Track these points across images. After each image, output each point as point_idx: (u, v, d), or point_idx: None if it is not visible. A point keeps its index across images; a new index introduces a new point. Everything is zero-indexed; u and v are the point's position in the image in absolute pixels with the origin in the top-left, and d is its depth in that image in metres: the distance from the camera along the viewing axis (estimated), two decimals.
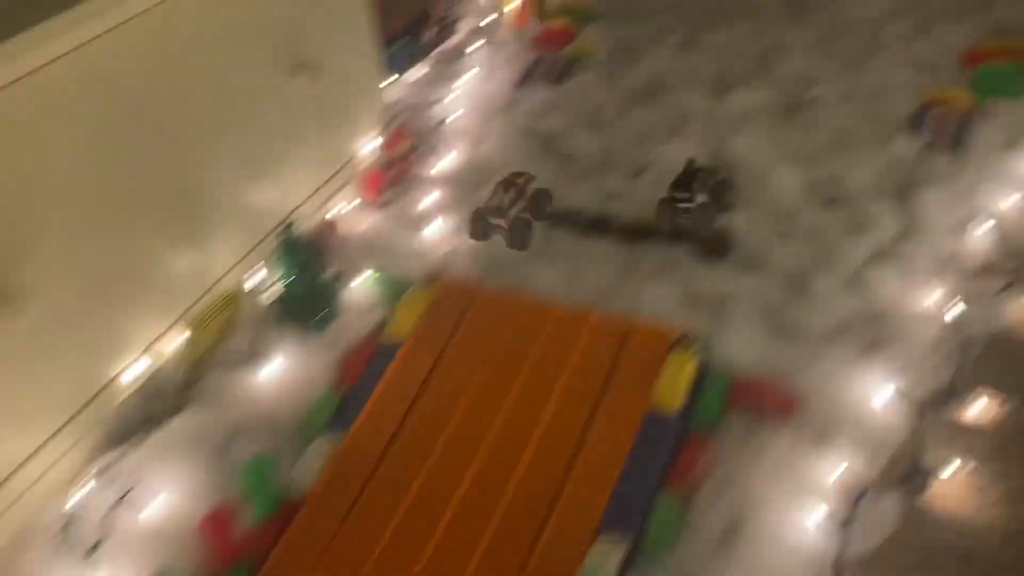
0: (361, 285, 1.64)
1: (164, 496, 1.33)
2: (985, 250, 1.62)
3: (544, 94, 2.21)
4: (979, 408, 1.36)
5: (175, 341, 1.51)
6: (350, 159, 1.89)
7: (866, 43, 2.31)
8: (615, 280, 1.62)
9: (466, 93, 2.26)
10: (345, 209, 1.84)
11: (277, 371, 1.50)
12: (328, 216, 1.79)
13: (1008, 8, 2.36)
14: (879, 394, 1.37)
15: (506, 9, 2.57)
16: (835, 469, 1.27)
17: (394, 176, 1.94)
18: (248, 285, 1.63)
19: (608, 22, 2.55)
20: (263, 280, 1.62)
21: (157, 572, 1.23)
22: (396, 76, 2.28)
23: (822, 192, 1.81)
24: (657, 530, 1.23)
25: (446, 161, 2.01)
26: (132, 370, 1.45)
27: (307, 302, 1.54)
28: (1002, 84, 2.06)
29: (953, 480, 1.28)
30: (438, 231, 1.80)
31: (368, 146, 1.93)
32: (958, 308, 1.48)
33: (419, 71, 2.39)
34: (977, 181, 1.78)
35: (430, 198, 1.90)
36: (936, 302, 1.51)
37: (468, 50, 2.44)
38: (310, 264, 1.54)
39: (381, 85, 2.05)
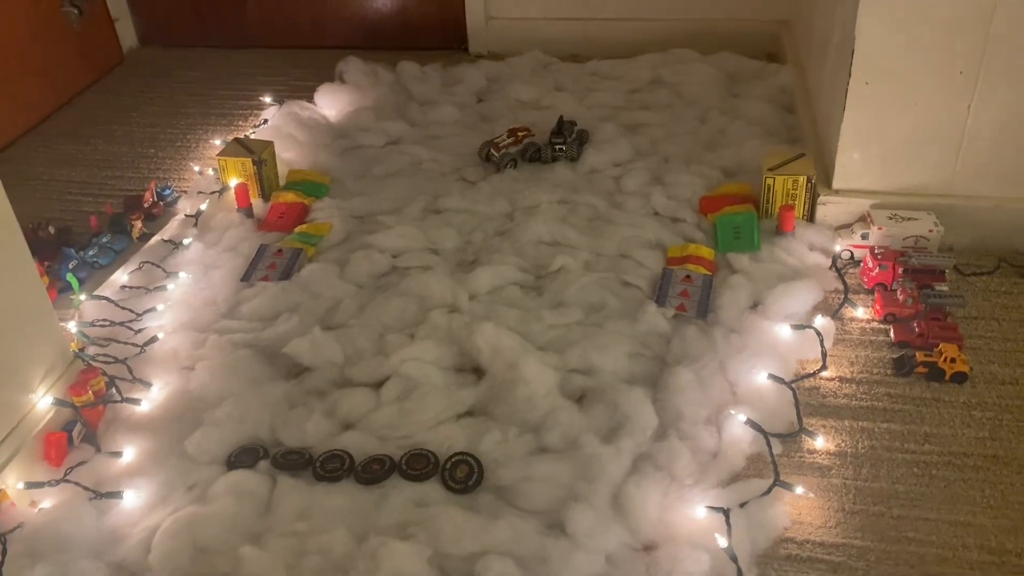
0: None
1: None
2: (744, 444, 1.53)
3: (272, 291, 1.96)
4: None
5: None
6: (20, 421, 1.53)
7: (606, 199, 2.27)
8: (351, 545, 1.36)
9: (180, 299, 1.96)
10: (14, 491, 1.48)
11: None
12: None
13: (731, 151, 2.40)
14: None
15: (229, 184, 2.32)
16: None
17: (82, 430, 1.60)
18: None
19: (342, 194, 2.36)
20: None
21: None
22: (84, 297, 1.95)
23: (575, 386, 1.67)
24: None
25: (150, 399, 1.69)
26: None
27: None
28: (739, 236, 2.05)
29: None
30: (137, 503, 1.47)
31: (46, 398, 1.58)
32: (726, 525, 1.36)
33: (124, 275, 2.07)
34: (727, 353, 1.71)
35: (129, 454, 1.57)
36: (705, 521, 1.38)
37: (185, 241, 2.15)
38: None
39: (64, 317, 1.73)
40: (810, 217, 2.11)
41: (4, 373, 1.51)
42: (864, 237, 2.00)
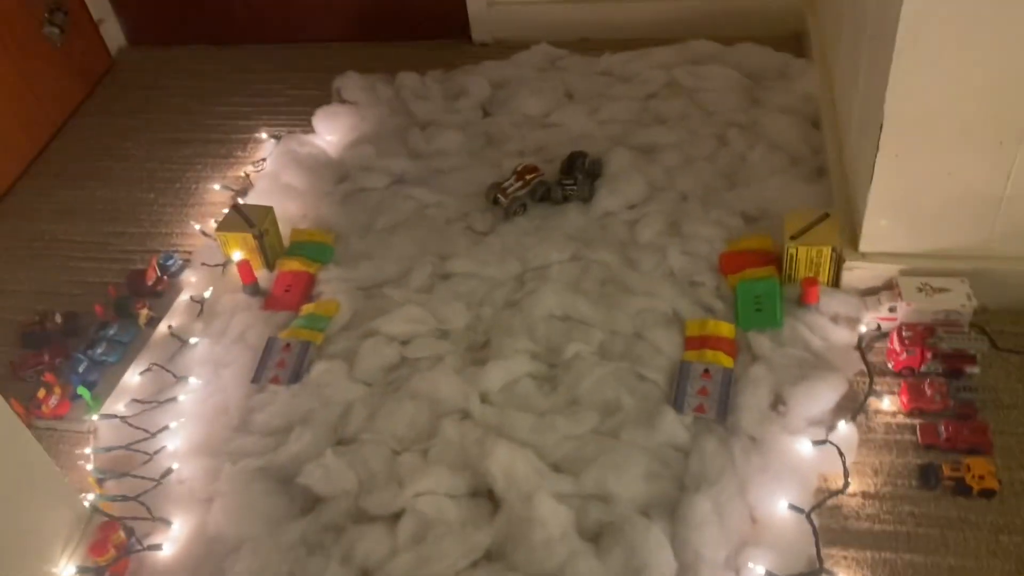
0: None
1: None
2: None
3: (283, 397, 1.93)
4: None
5: None
6: None
7: (619, 253, 2.17)
8: None
9: (191, 412, 1.94)
10: None
11: None
12: None
13: (753, 189, 2.27)
14: None
15: (231, 257, 2.25)
16: None
17: None
18: None
19: (347, 256, 2.28)
20: None
21: None
22: (96, 417, 1.94)
23: (592, 519, 1.64)
24: None
25: (171, 539, 1.71)
26: None
27: None
28: (760, 308, 1.97)
29: None
30: None
31: (68, 568, 1.60)
32: None
33: (134, 375, 2.05)
34: (747, 473, 1.67)
35: None
36: None
37: (192, 340, 2.10)
38: None
39: (79, 434, 1.73)
40: (835, 282, 2.00)
41: (24, 554, 1.53)
42: (892, 310, 1.91)
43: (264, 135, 2.76)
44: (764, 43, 2.77)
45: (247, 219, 2.23)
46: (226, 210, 2.33)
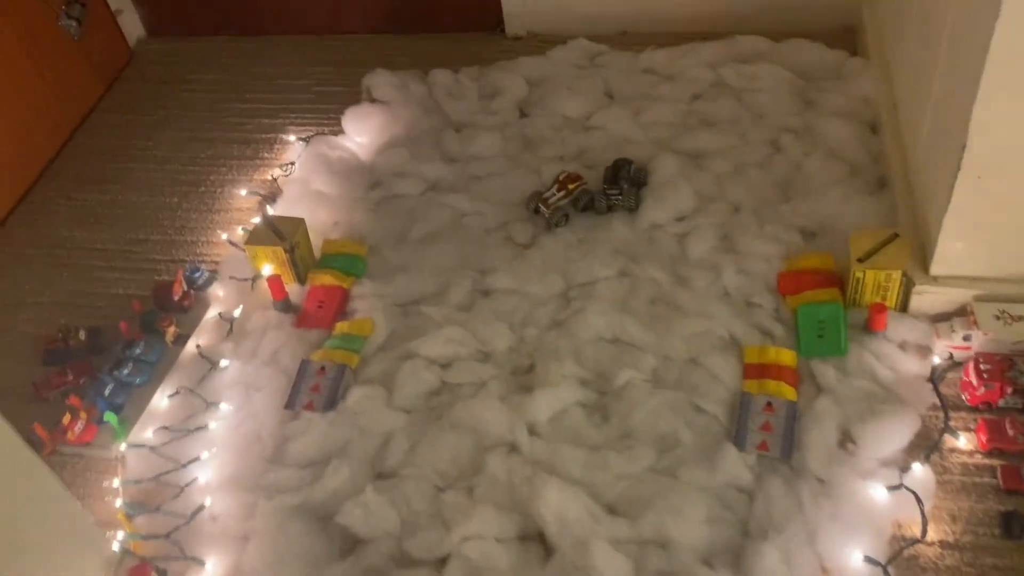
0: None
1: None
2: None
3: (319, 426, 1.84)
4: None
5: None
6: None
7: (669, 270, 2.05)
8: None
9: (223, 441, 1.85)
10: None
11: None
12: None
13: (810, 202, 2.14)
14: None
15: (260, 271, 2.15)
16: None
17: None
18: None
19: (381, 269, 2.17)
20: None
21: None
22: (124, 447, 1.85)
23: (652, 569, 1.54)
24: None
25: None
26: None
27: None
28: (823, 335, 1.85)
29: None
30: None
31: None
32: None
33: (162, 398, 1.96)
34: (816, 519, 1.56)
35: None
36: None
37: (222, 363, 2.00)
38: None
39: (105, 460, 1.64)
40: (903, 307, 1.88)
41: None
42: (966, 339, 1.79)
43: (292, 137, 2.64)
44: (816, 38, 2.63)
45: (278, 232, 2.12)
46: (255, 220, 2.22)
